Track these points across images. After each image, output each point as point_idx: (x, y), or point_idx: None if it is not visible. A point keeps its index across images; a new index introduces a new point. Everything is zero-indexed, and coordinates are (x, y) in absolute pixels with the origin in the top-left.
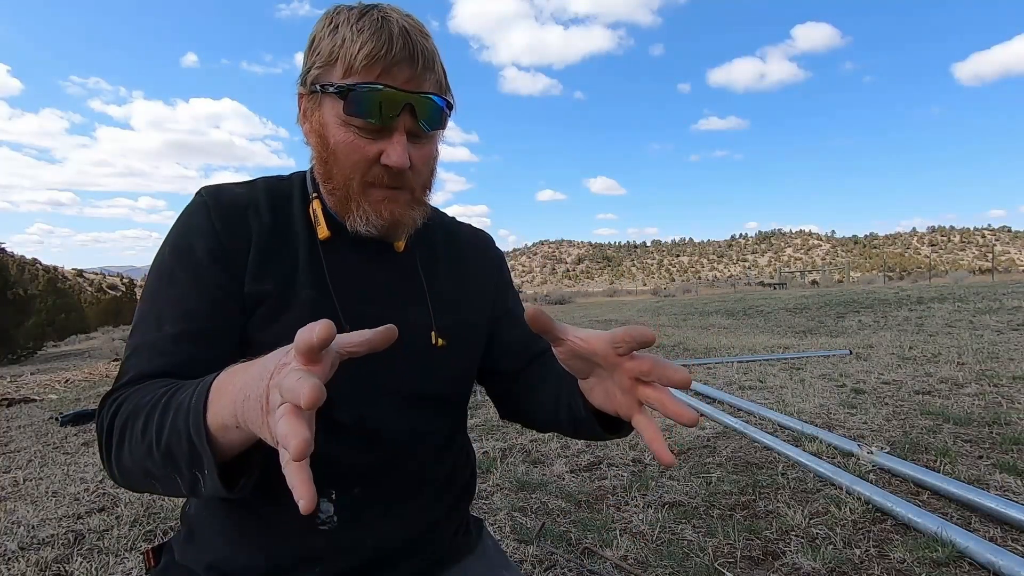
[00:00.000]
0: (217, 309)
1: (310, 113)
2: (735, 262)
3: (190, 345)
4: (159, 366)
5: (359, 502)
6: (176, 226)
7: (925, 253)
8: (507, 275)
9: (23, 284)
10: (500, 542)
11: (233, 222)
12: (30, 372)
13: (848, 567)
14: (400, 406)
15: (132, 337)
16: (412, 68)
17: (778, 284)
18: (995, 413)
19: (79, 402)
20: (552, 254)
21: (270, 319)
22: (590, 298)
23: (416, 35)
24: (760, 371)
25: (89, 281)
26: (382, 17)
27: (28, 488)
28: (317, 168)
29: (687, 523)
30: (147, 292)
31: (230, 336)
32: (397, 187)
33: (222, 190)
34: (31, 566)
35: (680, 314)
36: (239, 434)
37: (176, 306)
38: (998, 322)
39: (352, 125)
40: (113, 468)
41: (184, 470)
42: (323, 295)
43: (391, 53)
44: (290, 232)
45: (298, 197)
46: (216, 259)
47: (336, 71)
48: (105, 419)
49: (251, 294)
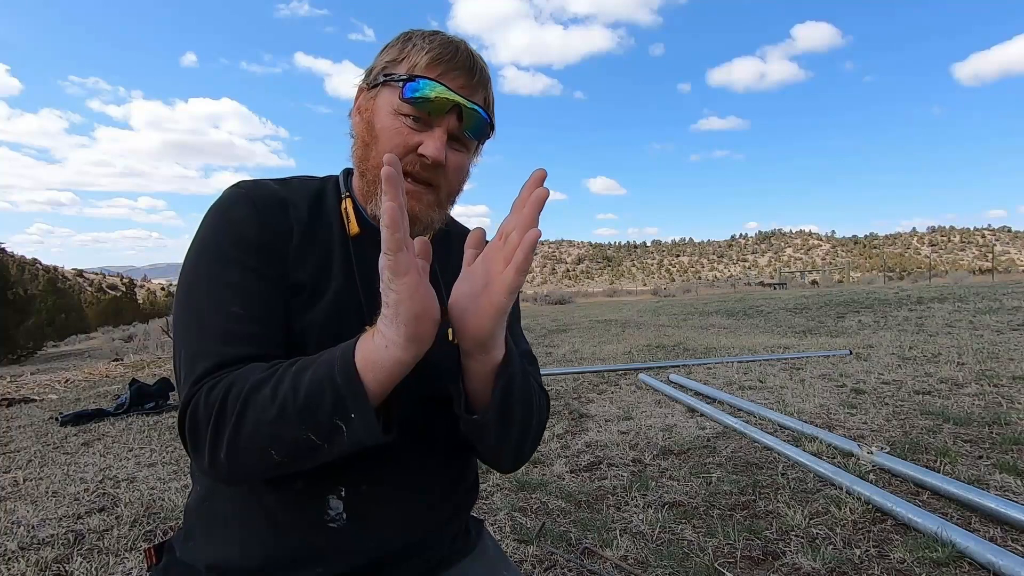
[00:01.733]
0: (274, 293)
1: (364, 105)
2: (735, 262)
3: (258, 327)
4: (238, 348)
5: (368, 500)
6: (218, 212)
7: (925, 253)
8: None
9: (23, 284)
10: (500, 542)
11: (275, 213)
12: (30, 372)
13: (848, 567)
14: (414, 403)
15: (194, 321)
16: (468, 78)
17: (778, 284)
18: (995, 413)
19: (79, 402)
20: (552, 254)
21: (305, 306)
22: (590, 298)
23: (477, 57)
24: (760, 371)
25: (89, 281)
26: (451, 39)
27: (28, 488)
28: (357, 153)
29: (687, 523)
30: (196, 276)
31: (282, 318)
32: (426, 183)
33: (260, 184)
34: (31, 566)
35: (680, 314)
36: (382, 364)
37: (235, 289)
38: (998, 322)
39: (401, 114)
40: (222, 451)
41: (324, 421)
42: (351, 287)
43: (454, 60)
44: (324, 227)
45: (331, 196)
46: (264, 245)
47: (400, 67)
48: (213, 402)
49: (292, 283)
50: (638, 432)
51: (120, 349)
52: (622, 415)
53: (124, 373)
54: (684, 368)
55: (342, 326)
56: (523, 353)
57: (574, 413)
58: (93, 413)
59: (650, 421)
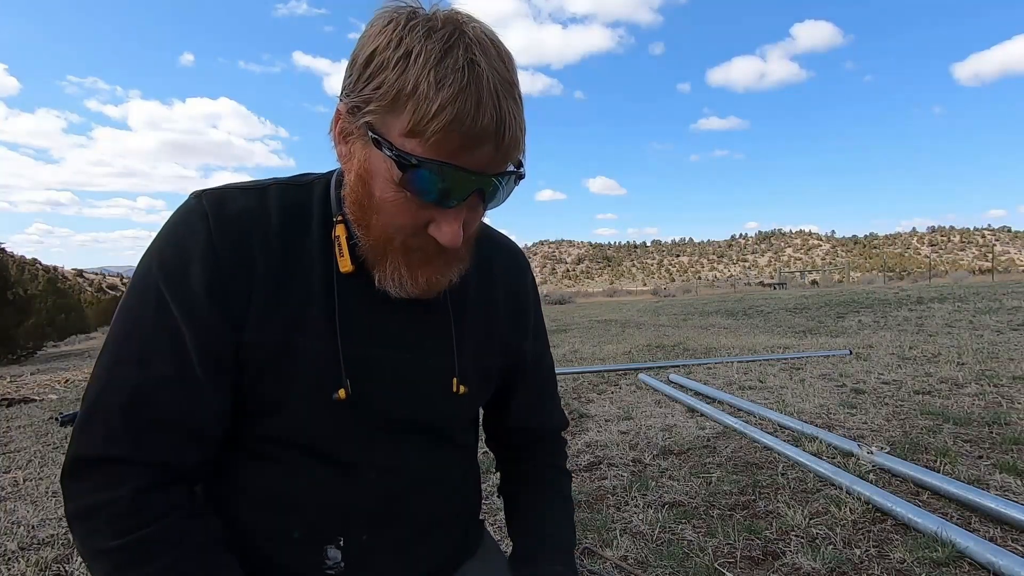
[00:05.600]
0: (211, 355)
1: (352, 143)
2: (735, 262)
3: (184, 392)
4: (152, 415)
5: (367, 548)
6: (168, 236)
7: (925, 253)
8: (536, 306)
9: (23, 284)
10: (500, 542)
11: (237, 244)
12: (30, 372)
13: (848, 567)
14: (415, 449)
15: (110, 369)
16: (496, 145)
17: (778, 284)
18: (995, 413)
19: (79, 402)
20: (552, 254)
21: (271, 367)
22: (590, 298)
23: (506, 98)
24: (760, 371)
25: (89, 281)
26: (469, 63)
27: (28, 488)
28: (352, 207)
29: (687, 523)
30: (128, 315)
31: (225, 387)
32: (440, 251)
33: (226, 199)
34: (31, 566)
35: (680, 314)
36: None
37: (166, 341)
38: (998, 322)
39: (405, 191)
40: (96, 570)
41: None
42: (330, 349)
43: (476, 126)
44: (303, 261)
45: (318, 216)
46: (214, 296)
47: (399, 122)
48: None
49: (250, 344)
50: (638, 432)
51: None
52: (622, 415)
53: None
54: (684, 368)
55: (315, 400)
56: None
57: (574, 413)
58: None
59: (650, 421)
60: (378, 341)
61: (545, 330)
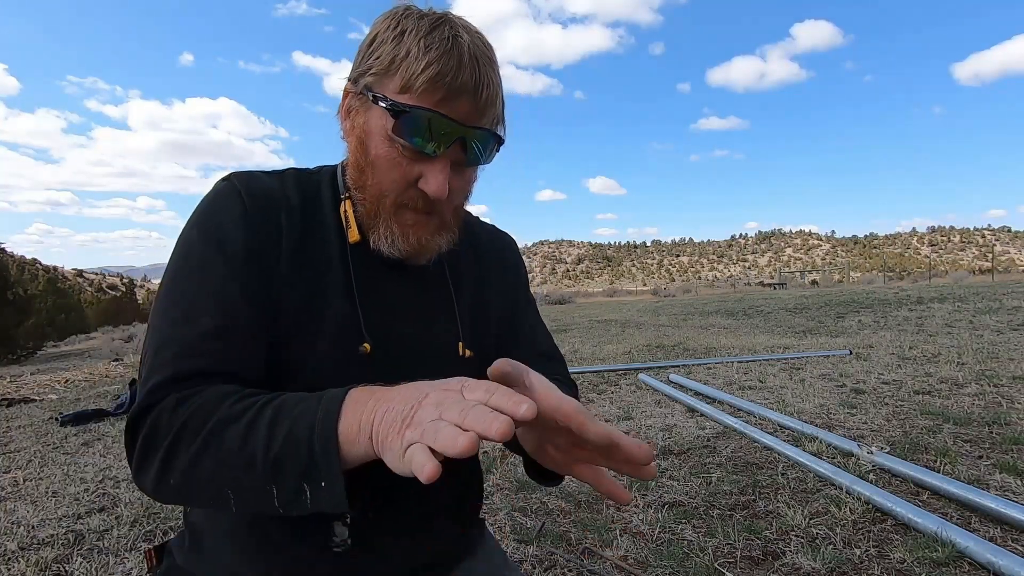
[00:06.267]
0: (254, 306)
1: (355, 114)
2: (735, 262)
3: (227, 343)
4: (197, 365)
5: (373, 527)
6: (205, 210)
7: (925, 253)
8: (522, 279)
9: (23, 284)
10: (500, 542)
11: (266, 215)
12: (30, 372)
13: (848, 567)
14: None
15: (160, 327)
16: (474, 100)
17: (778, 284)
18: (995, 413)
19: (79, 402)
20: (552, 254)
21: (296, 328)
22: (590, 298)
23: (485, 64)
24: (760, 371)
25: (89, 281)
26: (453, 36)
27: (28, 488)
28: (351, 173)
29: (687, 523)
30: (175, 278)
31: (264, 337)
32: (429, 212)
33: (254, 177)
34: (31, 566)
35: (680, 314)
36: (360, 449)
37: (210, 298)
38: (998, 322)
39: (398, 143)
40: (173, 477)
41: (290, 480)
42: (350, 310)
43: (456, 80)
44: (319, 234)
45: (328, 196)
46: (251, 253)
47: (393, 82)
48: (174, 423)
49: (280, 299)
50: (638, 432)
51: (120, 349)
52: (622, 415)
53: (124, 373)
54: (684, 368)
55: (339, 355)
56: (544, 353)
57: None
58: (93, 413)
59: (650, 421)
60: (390, 307)
61: (536, 307)
